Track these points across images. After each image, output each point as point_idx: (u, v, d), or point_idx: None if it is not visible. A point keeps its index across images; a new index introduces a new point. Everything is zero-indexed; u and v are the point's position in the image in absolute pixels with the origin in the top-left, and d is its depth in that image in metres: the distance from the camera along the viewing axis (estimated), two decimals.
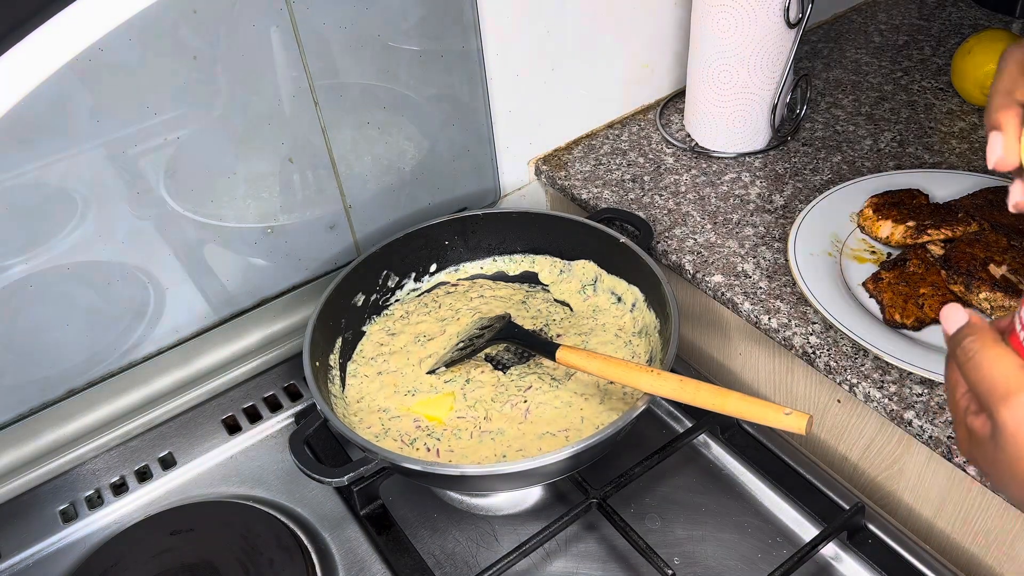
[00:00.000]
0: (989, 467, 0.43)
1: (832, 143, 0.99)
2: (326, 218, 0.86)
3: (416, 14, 0.81)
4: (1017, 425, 0.40)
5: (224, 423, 0.83)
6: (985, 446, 0.42)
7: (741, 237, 0.87)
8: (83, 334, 0.77)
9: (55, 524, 0.75)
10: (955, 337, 0.45)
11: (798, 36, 0.91)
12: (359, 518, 0.73)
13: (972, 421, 0.43)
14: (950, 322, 0.45)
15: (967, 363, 0.43)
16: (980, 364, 0.42)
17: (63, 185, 0.69)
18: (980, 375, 0.42)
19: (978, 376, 0.42)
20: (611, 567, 0.69)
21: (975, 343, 0.43)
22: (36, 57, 0.53)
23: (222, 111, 0.74)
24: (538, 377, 0.77)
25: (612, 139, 1.05)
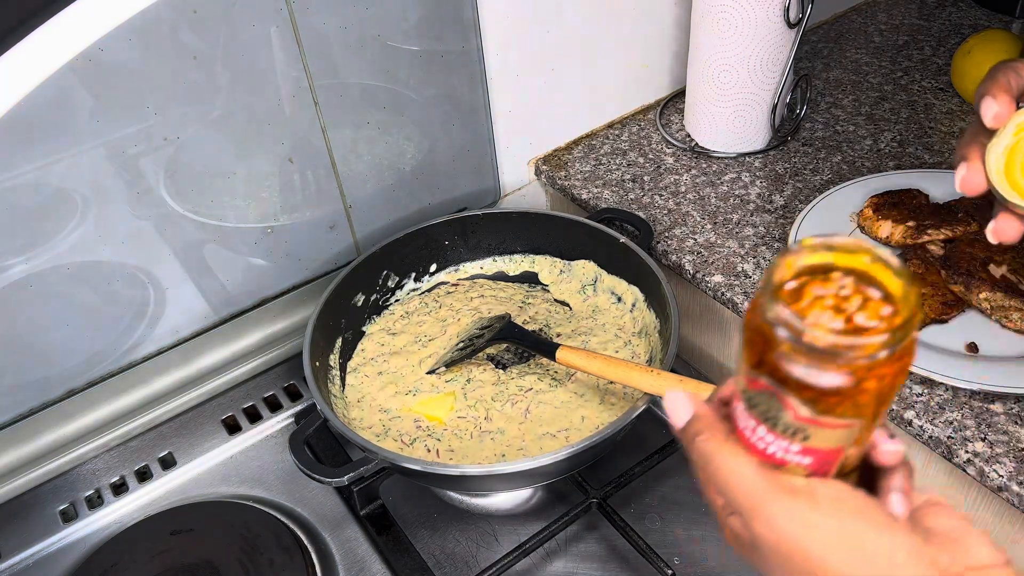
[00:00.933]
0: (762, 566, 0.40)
1: (832, 143, 0.99)
2: (326, 218, 0.86)
3: (416, 14, 0.81)
4: (777, 538, 0.37)
5: (224, 423, 0.83)
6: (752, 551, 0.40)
7: (741, 237, 0.87)
8: (83, 334, 0.77)
9: (55, 524, 0.75)
10: (685, 433, 0.41)
11: (798, 36, 0.91)
12: (359, 518, 0.73)
13: (732, 522, 0.40)
14: (676, 415, 0.41)
15: (706, 467, 0.39)
16: (718, 470, 0.38)
17: (63, 185, 0.69)
18: (722, 483, 0.39)
19: (721, 484, 0.39)
20: (611, 567, 0.69)
21: (708, 444, 0.39)
22: (36, 57, 0.53)
23: (222, 111, 0.74)
24: (538, 377, 0.77)
25: (612, 139, 1.05)
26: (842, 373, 0.33)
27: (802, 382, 0.34)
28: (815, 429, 0.35)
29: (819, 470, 0.37)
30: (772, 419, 0.36)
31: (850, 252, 0.36)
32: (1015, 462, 0.63)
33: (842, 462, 0.37)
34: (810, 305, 0.35)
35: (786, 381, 0.34)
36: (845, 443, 0.36)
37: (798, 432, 0.36)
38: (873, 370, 0.33)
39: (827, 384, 0.33)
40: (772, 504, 0.37)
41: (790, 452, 0.37)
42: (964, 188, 0.51)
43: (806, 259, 0.36)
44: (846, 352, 0.33)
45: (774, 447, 0.37)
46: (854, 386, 0.33)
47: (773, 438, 0.37)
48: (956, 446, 0.65)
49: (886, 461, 0.39)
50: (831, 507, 0.36)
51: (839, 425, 0.35)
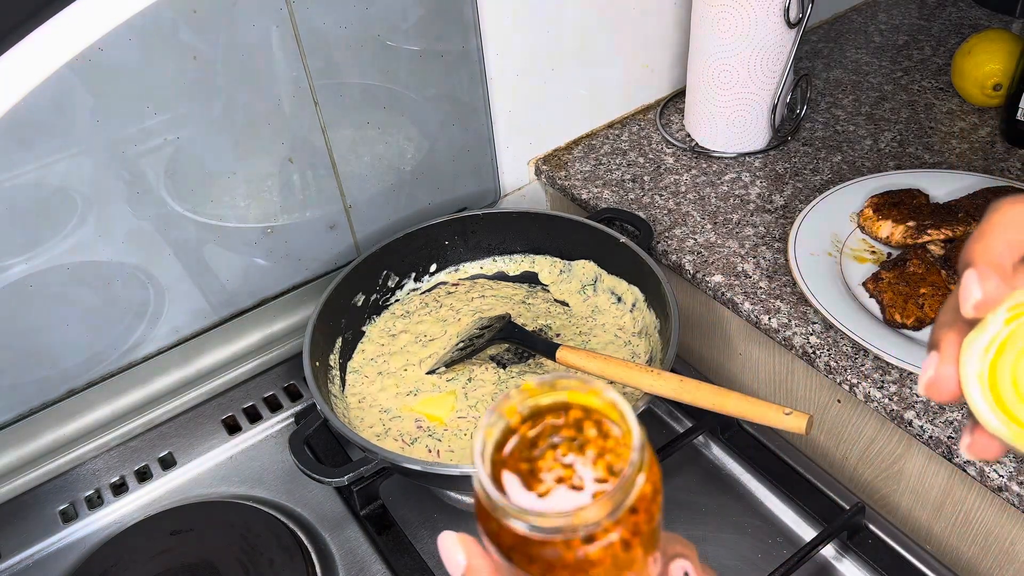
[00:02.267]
0: None
1: (832, 143, 0.99)
2: (326, 218, 0.86)
3: (416, 14, 0.81)
4: None
5: (224, 423, 0.83)
6: None
7: (741, 237, 0.87)
8: (83, 334, 0.77)
9: (55, 524, 0.75)
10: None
11: (798, 36, 0.91)
12: (359, 518, 0.73)
13: None
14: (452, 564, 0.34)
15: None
16: None
17: (63, 185, 0.69)
18: None
19: None
20: None
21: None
22: (36, 57, 0.53)
23: (222, 111, 0.74)
24: None
25: (612, 139, 1.05)
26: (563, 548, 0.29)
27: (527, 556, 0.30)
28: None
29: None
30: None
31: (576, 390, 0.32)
32: (1015, 462, 0.63)
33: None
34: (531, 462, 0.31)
35: (512, 558, 0.30)
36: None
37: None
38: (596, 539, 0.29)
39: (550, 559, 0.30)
40: None
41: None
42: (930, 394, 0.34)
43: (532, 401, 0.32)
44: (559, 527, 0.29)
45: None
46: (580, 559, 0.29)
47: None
48: (956, 446, 0.65)
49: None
50: None
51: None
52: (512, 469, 0.31)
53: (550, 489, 0.30)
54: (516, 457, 0.32)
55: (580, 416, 0.32)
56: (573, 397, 0.32)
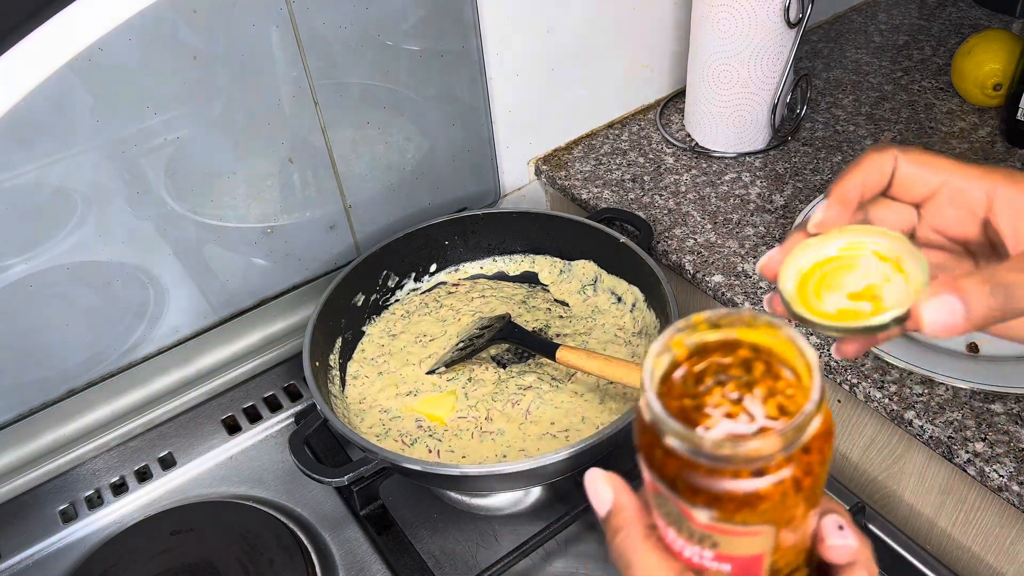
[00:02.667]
0: None
1: (832, 143, 0.99)
2: (326, 218, 0.86)
3: (416, 14, 0.81)
4: None
5: (224, 423, 0.83)
6: None
7: (741, 237, 0.87)
8: (83, 334, 0.77)
9: (55, 524, 0.75)
10: (606, 525, 0.36)
11: (798, 36, 0.91)
12: (359, 518, 0.73)
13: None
14: (597, 501, 0.36)
15: (625, 571, 0.35)
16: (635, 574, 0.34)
17: (63, 185, 0.69)
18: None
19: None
20: (611, 567, 0.69)
21: (626, 546, 0.35)
22: (36, 57, 0.53)
23: (222, 111, 0.74)
24: (538, 377, 0.77)
25: (612, 139, 1.05)
26: (732, 478, 0.29)
27: (692, 487, 0.29)
28: (720, 537, 0.31)
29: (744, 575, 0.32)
30: (677, 523, 0.32)
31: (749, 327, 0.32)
32: (1015, 462, 0.63)
33: (770, 568, 0.33)
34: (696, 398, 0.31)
35: (676, 486, 0.30)
36: (762, 549, 0.31)
37: (704, 539, 0.31)
38: (769, 472, 0.29)
39: (718, 491, 0.29)
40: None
41: (705, 559, 0.32)
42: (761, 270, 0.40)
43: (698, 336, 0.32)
44: (733, 454, 0.28)
45: (689, 551, 0.32)
46: (748, 491, 0.29)
47: (683, 543, 0.32)
48: (956, 446, 0.65)
49: (835, 559, 0.33)
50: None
51: (744, 533, 0.30)
52: (677, 402, 0.30)
53: (716, 424, 0.30)
54: (681, 391, 0.31)
55: (749, 356, 0.31)
56: (743, 335, 0.32)
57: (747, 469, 0.29)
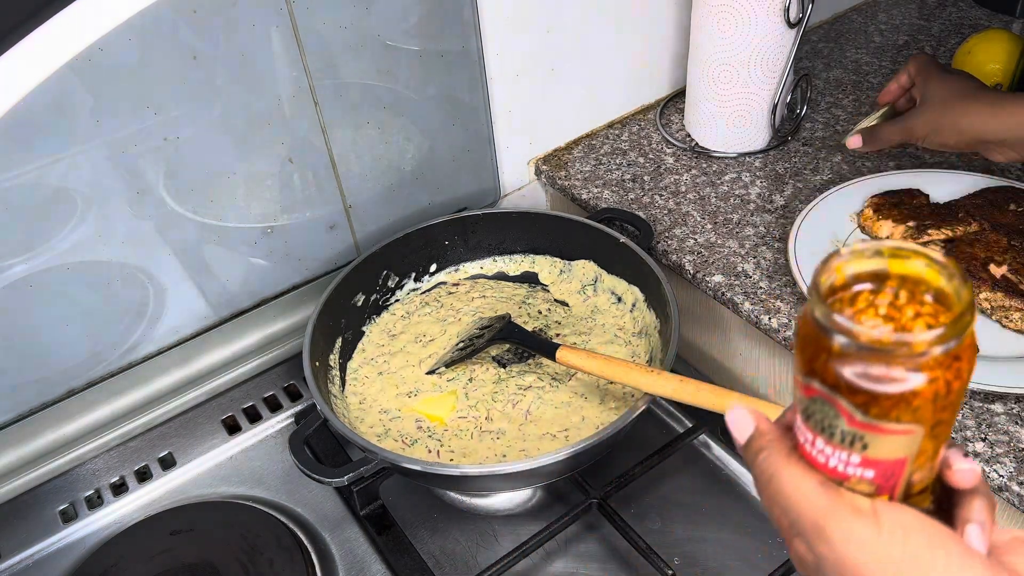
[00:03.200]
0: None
1: (832, 143, 0.99)
2: (326, 218, 0.86)
3: (416, 14, 0.81)
4: (838, 558, 0.35)
5: (224, 423, 0.83)
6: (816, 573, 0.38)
7: (741, 237, 0.87)
8: (83, 334, 0.77)
9: (55, 524, 0.75)
10: (748, 450, 0.40)
11: (798, 36, 0.91)
12: (359, 518, 0.73)
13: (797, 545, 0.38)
14: (738, 430, 0.40)
15: (767, 486, 0.38)
16: (781, 489, 0.37)
17: (63, 185, 0.69)
18: (785, 503, 0.37)
19: (784, 504, 0.37)
20: (611, 567, 0.69)
21: (769, 461, 0.38)
22: (36, 57, 0.53)
23: (222, 111, 0.74)
24: (538, 377, 0.77)
25: (612, 139, 1.05)
26: (892, 372, 0.32)
27: (853, 384, 0.33)
28: (872, 436, 0.34)
29: (884, 485, 0.36)
30: (829, 428, 0.35)
31: (902, 257, 0.35)
32: (1015, 462, 0.63)
33: (908, 479, 0.36)
34: (860, 309, 0.34)
35: (838, 385, 0.33)
36: (906, 453, 0.35)
37: (856, 440, 0.34)
38: (924, 370, 0.32)
39: (878, 385, 0.32)
40: (834, 524, 0.35)
41: (851, 464, 0.35)
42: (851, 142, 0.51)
43: (856, 265, 0.35)
44: (894, 349, 0.32)
45: (834, 460, 0.36)
46: (906, 387, 0.32)
47: (832, 450, 0.36)
48: (954, 438, 0.65)
49: (960, 482, 0.37)
50: (896, 533, 0.34)
51: (896, 431, 0.33)
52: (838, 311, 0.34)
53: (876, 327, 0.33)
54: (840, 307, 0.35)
55: (896, 285, 0.35)
56: (895, 267, 0.35)
57: (907, 365, 0.32)
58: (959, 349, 0.33)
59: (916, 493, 0.37)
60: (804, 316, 0.35)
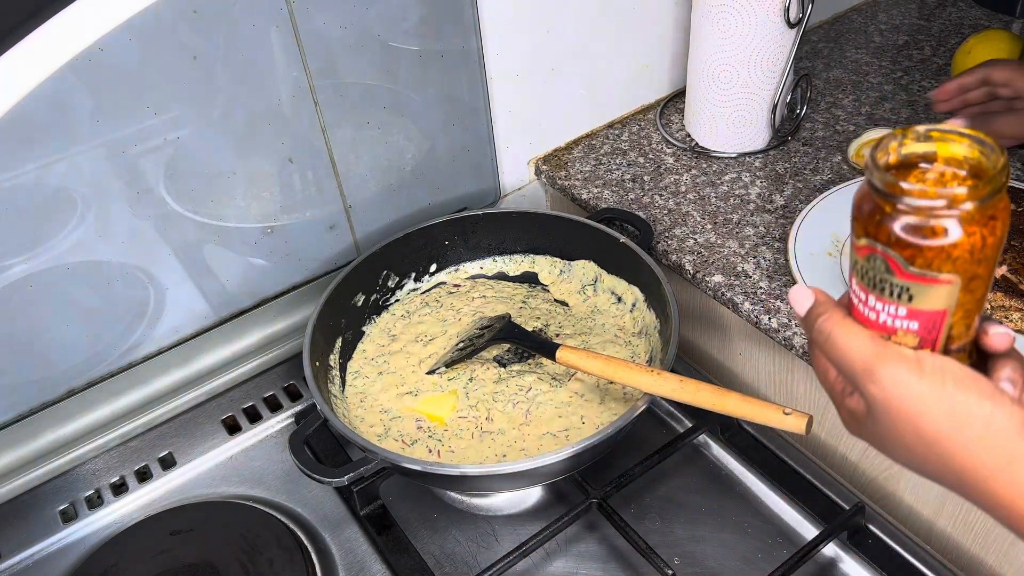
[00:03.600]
0: (876, 440, 0.45)
1: (832, 143, 0.99)
2: (326, 218, 0.86)
3: (416, 14, 0.81)
4: (886, 397, 0.41)
5: (224, 423, 0.83)
6: (866, 422, 0.44)
7: (741, 237, 0.87)
8: (83, 334, 0.77)
9: (55, 524, 0.75)
10: (807, 318, 0.46)
11: (798, 36, 0.91)
12: (359, 518, 0.73)
13: (849, 402, 0.45)
14: (799, 303, 0.47)
15: (825, 344, 0.45)
16: (836, 343, 0.44)
17: (63, 185, 0.69)
18: (840, 355, 0.44)
19: (838, 356, 0.44)
20: (611, 567, 0.69)
21: (827, 323, 0.45)
22: (36, 57, 0.53)
23: (222, 111, 0.74)
24: (538, 377, 0.77)
25: (612, 139, 1.05)
26: (936, 226, 0.38)
27: (903, 239, 0.39)
28: (917, 287, 0.40)
29: (926, 338, 0.42)
30: (880, 284, 0.41)
31: (948, 140, 0.41)
32: None
33: (947, 333, 0.42)
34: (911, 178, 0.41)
35: (890, 241, 0.40)
36: (946, 304, 0.41)
37: (903, 293, 0.41)
38: (963, 223, 0.38)
39: (924, 239, 0.39)
40: (882, 367, 0.41)
41: (898, 317, 0.42)
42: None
43: (908, 147, 0.42)
44: (938, 204, 0.38)
45: (884, 315, 0.42)
46: (947, 240, 0.38)
47: (882, 305, 0.42)
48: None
49: (996, 344, 0.43)
50: (935, 375, 0.40)
51: (938, 281, 0.40)
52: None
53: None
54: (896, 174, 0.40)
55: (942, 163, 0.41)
56: (942, 149, 0.41)
57: (948, 219, 0.38)
58: (994, 209, 0.39)
59: (954, 351, 0.43)
60: (862, 188, 0.42)
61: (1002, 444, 0.39)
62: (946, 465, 0.41)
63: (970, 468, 0.40)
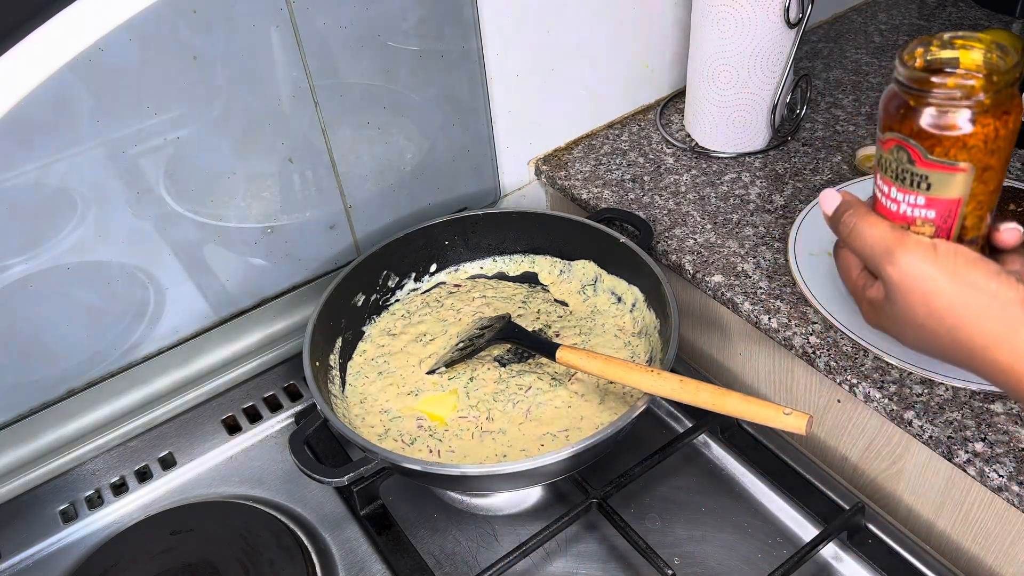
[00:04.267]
0: (891, 325, 0.50)
1: (832, 143, 0.99)
2: (326, 218, 0.86)
3: (416, 14, 0.81)
4: (901, 276, 0.47)
5: (224, 423, 0.83)
6: (884, 308, 0.49)
7: (741, 237, 0.87)
8: (83, 334, 0.77)
9: (55, 524, 0.75)
10: (835, 216, 0.51)
11: (798, 36, 0.91)
12: (359, 518, 0.73)
13: (869, 293, 0.50)
14: (828, 204, 0.52)
15: (849, 235, 0.50)
16: (861, 233, 0.49)
17: (63, 185, 0.69)
18: (863, 242, 0.49)
19: (861, 244, 0.49)
20: (611, 567, 0.69)
21: (852, 216, 0.50)
22: (36, 57, 0.53)
23: (222, 111, 0.74)
24: (538, 377, 0.77)
25: (612, 139, 1.05)
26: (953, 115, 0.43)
27: (923, 130, 0.44)
28: (936, 175, 0.45)
29: (942, 227, 0.47)
30: (901, 173, 0.46)
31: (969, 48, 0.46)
32: (1015, 462, 0.63)
33: (961, 223, 0.47)
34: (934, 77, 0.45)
35: (911, 132, 0.45)
36: (961, 193, 0.46)
37: (922, 181, 0.46)
38: (978, 114, 0.43)
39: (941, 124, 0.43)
40: (901, 249, 0.47)
41: (917, 206, 0.47)
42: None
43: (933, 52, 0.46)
44: (956, 92, 0.43)
45: (904, 205, 0.48)
46: (964, 130, 0.43)
47: (903, 195, 0.47)
48: (956, 446, 0.65)
49: (1006, 240, 0.48)
50: (948, 256, 0.46)
51: (955, 168, 0.45)
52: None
53: None
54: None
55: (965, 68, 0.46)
56: (964, 57, 0.46)
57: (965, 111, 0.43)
58: (1007, 104, 0.44)
59: (967, 242, 0.47)
60: (889, 89, 0.47)
61: (1006, 314, 0.44)
62: (954, 339, 0.46)
63: (977, 336, 0.45)
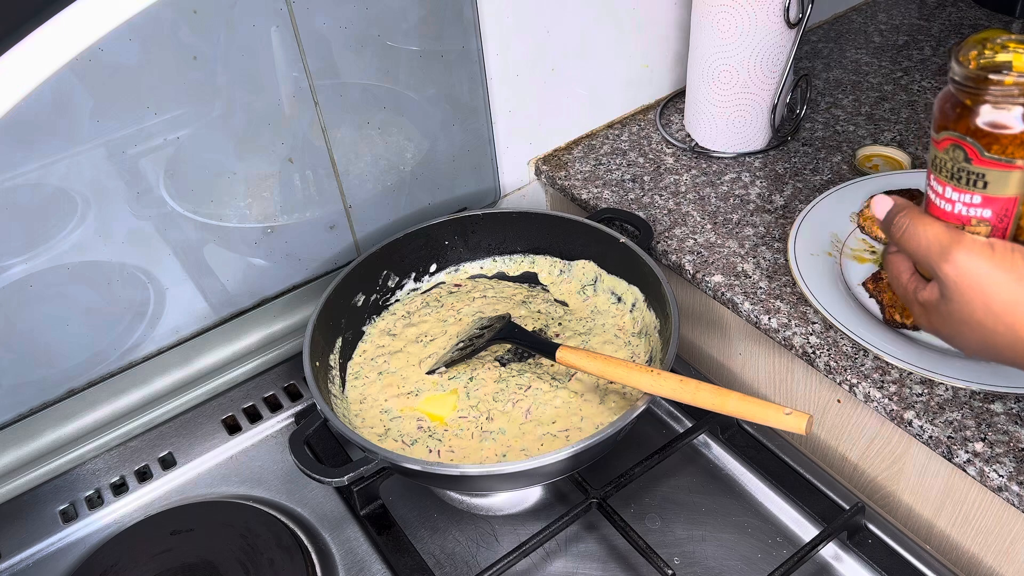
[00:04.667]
0: (946, 325, 0.49)
1: (832, 143, 0.99)
2: (326, 218, 0.86)
3: (416, 14, 0.81)
4: (958, 274, 0.46)
5: (224, 423, 0.83)
6: (939, 309, 0.49)
7: (741, 237, 0.87)
8: (83, 334, 0.77)
9: (55, 524, 0.75)
10: (888, 218, 0.52)
11: (798, 36, 0.91)
12: (359, 518, 0.73)
13: (922, 295, 0.50)
14: (880, 208, 0.52)
15: (903, 236, 0.50)
16: (915, 233, 0.49)
17: (63, 185, 0.69)
18: (917, 242, 0.49)
19: (915, 244, 0.49)
20: (611, 567, 0.69)
21: (905, 218, 0.50)
22: (36, 57, 0.53)
23: (222, 111, 0.74)
24: (538, 377, 0.77)
25: (612, 139, 1.05)
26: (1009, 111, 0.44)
27: (980, 129, 0.45)
28: (992, 172, 0.45)
29: (997, 226, 0.47)
30: (957, 172, 0.47)
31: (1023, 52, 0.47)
32: (1015, 462, 0.63)
33: (1016, 222, 0.47)
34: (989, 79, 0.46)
35: (968, 130, 0.45)
36: (1018, 191, 0.46)
37: (978, 180, 0.46)
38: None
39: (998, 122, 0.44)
40: (957, 247, 0.46)
41: (972, 205, 0.47)
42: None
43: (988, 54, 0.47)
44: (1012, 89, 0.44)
45: (959, 205, 0.48)
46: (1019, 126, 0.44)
47: (958, 194, 0.47)
48: (956, 446, 0.65)
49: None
50: (1005, 254, 0.46)
51: (1012, 167, 0.45)
52: None
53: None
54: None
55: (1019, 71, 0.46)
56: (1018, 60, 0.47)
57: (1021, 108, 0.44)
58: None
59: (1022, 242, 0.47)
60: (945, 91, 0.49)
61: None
62: (1016, 335, 0.45)
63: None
